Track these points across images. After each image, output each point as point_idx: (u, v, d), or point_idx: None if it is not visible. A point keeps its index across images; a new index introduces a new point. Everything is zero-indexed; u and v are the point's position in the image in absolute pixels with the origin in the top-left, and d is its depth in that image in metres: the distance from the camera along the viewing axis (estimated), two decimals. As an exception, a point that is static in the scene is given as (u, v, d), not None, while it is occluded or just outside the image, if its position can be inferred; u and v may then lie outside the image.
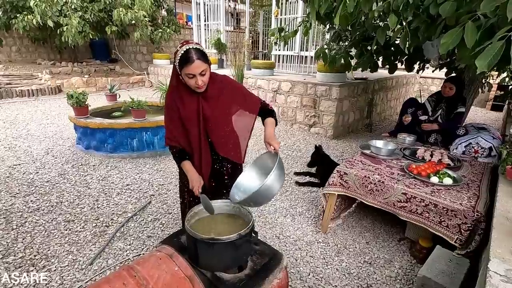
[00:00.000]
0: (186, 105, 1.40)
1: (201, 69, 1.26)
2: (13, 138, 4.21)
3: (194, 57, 1.24)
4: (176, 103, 1.42)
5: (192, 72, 1.26)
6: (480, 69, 1.45)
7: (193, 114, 1.40)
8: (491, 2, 1.47)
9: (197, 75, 1.27)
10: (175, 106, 1.42)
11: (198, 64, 1.25)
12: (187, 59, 1.24)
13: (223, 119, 1.47)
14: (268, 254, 1.28)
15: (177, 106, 1.42)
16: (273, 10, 6.50)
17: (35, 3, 6.18)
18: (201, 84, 1.30)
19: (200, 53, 1.26)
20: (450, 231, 1.74)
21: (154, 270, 1.07)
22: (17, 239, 2.15)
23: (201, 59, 1.25)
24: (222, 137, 1.50)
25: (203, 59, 1.26)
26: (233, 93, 1.51)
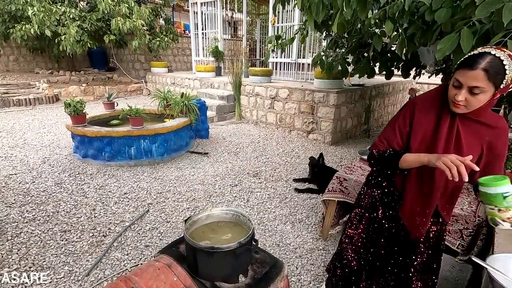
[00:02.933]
0: (441, 122, 1.10)
1: (476, 83, 0.90)
2: (10, 147, 4.17)
3: (479, 65, 0.89)
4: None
5: (459, 77, 0.96)
6: (477, 74, 1.45)
7: (444, 131, 1.10)
8: (486, 8, 1.49)
9: (464, 87, 0.94)
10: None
11: (475, 74, 0.90)
12: (469, 61, 0.92)
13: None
14: (269, 262, 1.25)
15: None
16: (270, 18, 6.57)
17: (33, 12, 6.22)
18: (460, 100, 0.96)
19: (493, 67, 0.88)
20: (452, 236, 1.73)
21: (152, 281, 1.04)
22: (12, 250, 2.10)
23: (487, 73, 0.88)
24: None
25: (490, 75, 0.89)
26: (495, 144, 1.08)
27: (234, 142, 4.80)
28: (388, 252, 1.38)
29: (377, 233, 1.39)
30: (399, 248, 1.34)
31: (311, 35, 5.92)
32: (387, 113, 6.90)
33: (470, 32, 1.62)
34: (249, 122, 6.15)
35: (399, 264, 1.35)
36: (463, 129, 1.04)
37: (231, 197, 3.03)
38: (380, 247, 1.39)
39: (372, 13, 2.54)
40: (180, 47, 11.25)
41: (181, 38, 10.84)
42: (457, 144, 1.06)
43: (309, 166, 3.46)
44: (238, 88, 6.08)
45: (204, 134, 4.89)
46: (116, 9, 7.14)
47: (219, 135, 5.19)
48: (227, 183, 3.34)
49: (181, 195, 3.04)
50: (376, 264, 1.41)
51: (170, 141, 3.94)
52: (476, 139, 1.05)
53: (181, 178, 3.42)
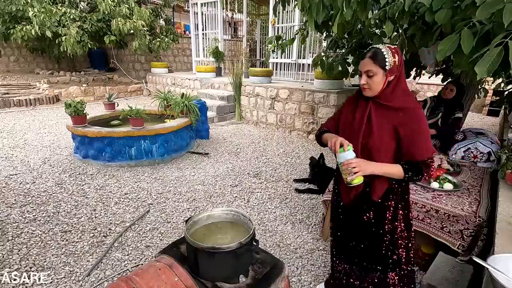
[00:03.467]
0: (358, 105, 1.32)
1: (368, 68, 1.18)
2: (10, 147, 4.18)
3: (367, 55, 1.19)
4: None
5: (360, 68, 1.23)
6: (480, 75, 1.46)
7: (358, 116, 1.31)
8: (486, 9, 1.49)
9: (363, 73, 1.21)
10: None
11: (366, 61, 1.19)
12: (363, 54, 1.22)
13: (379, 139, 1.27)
14: (270, 263, 1.26)
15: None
16: (270, 19, 6.58)
17: (34, 13, 6.23)
18: (363, 84, 1.22)
19: (376, 53, 1.17)
20: (453, 237, 1.73)
21: (153, 281, 1.04)
22: (13, 251, 2.11)
23: (372, 59, 1.17)
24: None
25: (375, 60, 1.17)
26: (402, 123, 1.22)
27: (235, 143, 4.80)
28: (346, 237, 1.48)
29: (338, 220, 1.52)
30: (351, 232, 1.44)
31: (311, 36, 5.93)
32: (387, 113, 6.90)
33: (470, 33, 1.62)
34: (250, 122, 6.15)
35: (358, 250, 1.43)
36: (374, 113, 1.24)
37: (231, 198, 3.03)
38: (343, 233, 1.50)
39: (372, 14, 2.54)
40: (181, 48, 11.26)
41: (181, 38, 10.86)
42: (368, 124, 1.25)
43: (310, 167, 3.46)
44: (238, 88, 6.08)
45: (204, 134, 4.89)
46: (116, 9, 7.15)
47: (219, 135, 5.19)
48: (227, 183, 3.34)
49: (181, 195, 3.04)
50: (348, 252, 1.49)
51: (171, 142, 3.94)
52: (387, 122, 1.22)
53: (182, 179, 3.42)
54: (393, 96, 1.21)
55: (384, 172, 1.22)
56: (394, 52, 1.17)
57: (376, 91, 1.21)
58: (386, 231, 1.34)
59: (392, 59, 1.16)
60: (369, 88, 1.21)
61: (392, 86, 1.20)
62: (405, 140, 1.20)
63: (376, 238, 1.36)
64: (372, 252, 1.39)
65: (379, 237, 1.35)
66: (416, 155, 1.20)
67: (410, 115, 1.20)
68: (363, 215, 1.36)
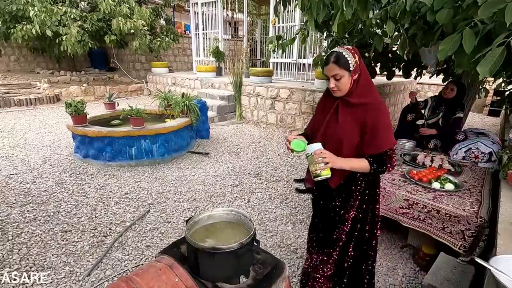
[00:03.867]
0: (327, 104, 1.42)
1: (334, 72, 1.26)
2: (10, 147, 4.17)
3: (331, 60, 1.27)
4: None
5: (326, 73, 1.31)
6: (482, 75, 1.45)
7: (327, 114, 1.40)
8: (488, 8, 1.48)
9: (330, 77, 1.29)
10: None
11: (331, 66, 1.27)
12: (325, 60, 1.30)
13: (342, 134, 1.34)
14: (270, 263, 1.25)
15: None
16: (271, 19, 6.58)
17: (34, 13, 6.22)
18: (332, 87, 1.29)
19: (339, 57, 1.25)
20: (454, 237, 1.72)
21: (153, 281, 1.04)
22: (13, 250, 2.10)
23: (336, 63, 1.25)
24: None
25: (340, 64, 1.25)
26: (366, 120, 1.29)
27: (235, 143, 4.80)
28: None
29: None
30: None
31: (311, 36, 5.92)
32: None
33: (472, 33, 1.62)
34: (250, 122, 6.15)
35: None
36: (341, 110, 1.33)
37: (232, 198, 3.03)
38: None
39: (373, 14, 2.53)
40: (181, 47, 11.25)
41: (181, 38, 10.85)
42: (335, 118, 1.34)
43: None
44: (238, 88, 6.08)
45: (204, 134, 4.89)
46: (117, 9, 7.15)
47: (219, 135, 5.18)
48: (227, 183, 3.34)
49: (182, 195, 3.03)
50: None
51: (171, 141, 3.94)
52: (352, 117, 1.30)
53: (182, 178, 3.42)
54: (358, 93, 1.29)
55: (351, 166, 1.29)
56: (354, 53, 1.25)
57: (345, 91, 1.29)
58: (346, 219, 1.41)
59: (353, 59, 1.24)
60: (339, 89, 1.29)
61: (358, 83, 1.29)
62: (368, 133, 1.27)
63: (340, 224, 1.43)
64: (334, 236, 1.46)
65: (336, 223, 1.44)
66: (378, 147, 1.27)
67: (372, 109, 1.28)
68: (331, 203, 1.45)
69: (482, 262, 0.86)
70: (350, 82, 1.27)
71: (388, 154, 1.29)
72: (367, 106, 1.28)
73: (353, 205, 1.39)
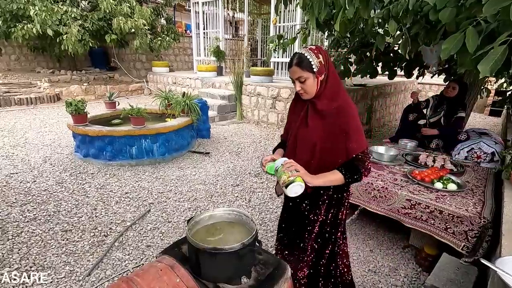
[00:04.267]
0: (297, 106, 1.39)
1: (298, 75, 1.22)
2: (11, 146, 4.17)
3: (293, 62, 1.23)
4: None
5: (290, 76, 1.27)
6: (483, 74, 1.44)
7: (298, 117, 1.37)
8: (492, 6, 1.47)
9: (295, 80, 1.25)
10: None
11: (294, 69, 1.23)
12: (289, 62, 1.26)
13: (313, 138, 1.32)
14: (272, 264, 1.24)
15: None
16: (272, 18, 6.56)
17: (35, 12, 6.22)
18: (298, 90, 1.26)
19: (301, 59, 1.21)
20: (457, 238, 1.71)
21: (154, 282, 1.03)
22: (13, 250, 2.09)
23: (299, 66, 1.21)
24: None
25: (302, 66, 1.20)
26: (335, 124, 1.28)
27: (236, 142, 4.78)
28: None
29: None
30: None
31: (312, 35, 5.90)
32: (389, 113, 6.88)
33: (475, 32, 1.60)
34: (251, 122, 6.13)
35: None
36: (311, 113, 1.29)
37: (232, 197, 3.02)
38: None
39: (374, 13, 2.52)
40: (182, 47, 11.24)
41: (182, 37, 10.84)
42: (305, 122, 1.31)
43: None
44: (239, 88, 6.06)
45: (205, 133, 4.88)
46: (117, 8, 7.14)
47: (220, 135, 5.17)
48: (228, 183, 3.33)
49: (182, 195, 3.02)
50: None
51: (172, 141, 3.93)
52: (322, 122, 1.26)
53: (183, 178, 3.41)
54: (327, 95, 1.25)
55: (324, 182, 1.25)
56: (317, 53, 1.20)
57: (312, 93, 1.25)
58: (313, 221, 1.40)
59: (317, 60, 1.19)
60: (305, 92, 1.25)
61: (326, 84, 1.24)
62: (339, 138, 1.23)
63: (303, 226, 1.43)
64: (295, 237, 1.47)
65: (305, 226, 1.42)
66: (349, 150, 1.23)
67: (341, 112, 1.24)
68: (300, 205, 1.42)
69: (488, 263, 0.85)
70: (317, 84, 1.23)
71: (360, 158, 1.25)
72: (336, 110, 1.24)
73: (321, 209, 1.37)
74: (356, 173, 1.24)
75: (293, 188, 1.17)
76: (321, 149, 1.26)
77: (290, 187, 1.17)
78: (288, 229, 1.53)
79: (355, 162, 1.24)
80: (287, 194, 1.19)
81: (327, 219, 1.40)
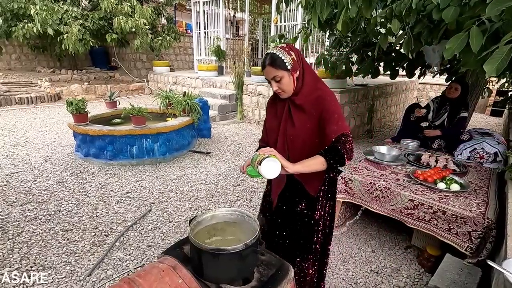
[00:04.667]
0: (278, 108, 1.38)
1: (273, 74, 1.22)
2: (11, 145, 4.16)
3: (266, 62, 1.23)
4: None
5: (266, 77, 1.27)
6: (489, 74, 1.42)
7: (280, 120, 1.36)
8: (496, 6, 1.45)
9: (270, 80, 1.25)
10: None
11: (268, 69, 1.23)
12: (262, 63, 1.26)
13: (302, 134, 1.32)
14: (275, 264, 1.23)
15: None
16: (273, 17, 6.55)
17: (35, 11, 6.21)
18: (276, 89, 1.26)
19: (274, 58, 1.21)
20: (460, 238, 1.70)
21: (156, 283, 1.01)
22: (13, 249, 2.08)
23: (272, 65, 1.21)
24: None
25: (276, 65, 1.21)
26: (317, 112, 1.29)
27: (236, 142, 4.77)
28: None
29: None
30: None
31: (313, 35, 5.89)
32: (390, 113, 6.86)
33: (479, 31, 1.59)
34: (251, 121, 6.12)
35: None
36: (294, 111, 1.29)
37: (233, 197, 3.01)
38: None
39: (376, 12, 2.50)
40: (182, 46, 11.23)
41: (183, 37, 10.82)
42: (291, 121, 1.30)
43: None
44: (240, 87, 6.05)
45: (206, 133, 4.86)
46: (118, 8, 7.13)
47: (221, 134, 5.16)
48: (229, 182, 3.32)
49: (183, 194, 3.01)
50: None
51: (172, 140, 3.92)
52: (306, 116, 1.27)
53: (184, 178, 3.40)
54: (305, 91, 1.26)
55: (305, 166, 1.18)
56: (289, 50, 1.21)
57: (290, 91, 1.25)
58: (317, 220, 1.40)
59: (289, 57, 1.20)
60: (283, 91, 1.25)
61: (303, 80, 1.25)
62: (321, 124, 1.24)
63: (308, 227, 1.41)
64: (300, 240, 1.44)
65: (310, 226, 1.41)
66: (329, 133, 1.21)
67: (320, 101, 1.25)
68: (296, 207, 1.40)
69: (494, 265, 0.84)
70: (293, 81, 1.23)
71: (342, 140, 1.20)
72: (316, 100, 1.25)
73: (319, 206, 1.38)
74: (336, 154, 1.18)
75: (268, 164, 1.10)
76: (312, 144, 1.27)
77: (264, 162, 1.10)
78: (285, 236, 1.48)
79: (335, 144, 1.19)
80: (263, 174, 1.11)
81: (324, 215, 1.41)
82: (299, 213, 1.40)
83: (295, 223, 1.43)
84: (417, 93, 8.33)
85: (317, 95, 1.25)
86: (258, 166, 1.12)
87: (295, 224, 1.43)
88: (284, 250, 1.45)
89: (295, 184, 1.37)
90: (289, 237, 1.46)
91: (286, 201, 1.43)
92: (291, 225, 1.44)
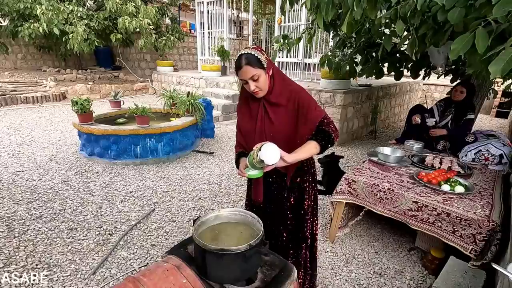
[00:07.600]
0: (252, 109, 1.41)
1: (251, 74, 1.24)
2: (17, 144, 4.20)
3: (243, 63, 1.24)
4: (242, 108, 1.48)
5: (242, 78, 1.28)
6: (494, 75, 1.42)
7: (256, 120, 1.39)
8: (503, 7, 1.45)
9: (248, 80, 1.26)
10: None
11: (245, 69, 1.24)
12: (237, 65, 1.28)
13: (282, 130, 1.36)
14: (278, 265, 1.23)
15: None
16: (277, 18, 6.54)
17: (41, 11, 6.26)
18: (254, 89, 1.28)
19: (250, 58, 1.24)
20: (464, 241, 1.69)
21: (161, 282, 1.02)
22: (19, 247, 2.11)
23: (250, 64, 1.23)
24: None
25: (253, 64, 1.23)
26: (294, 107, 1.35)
27: (240, 142, 4.77)
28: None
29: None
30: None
31: (317, 35, 5.87)
32: (394, 114, 6.83)
33: (485, 32, 1.58)
34: (255, 122, 6.12)
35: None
36: (270, 109, 1.33)
37: (236, 197, 3.01)
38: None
39: (381, 13, 2.50)
40: (186, 46, 11.27)
41: (187, 37, 10.86)
42: (268, 120, 1.34)
43: (324, 165, 3.31)
44: (243, 87, 6.05)
45: (209, 133, 4.88)
46: (123, 8, 7.16)
47: (224, 134, 5.17)
48: (232, 182, 3.33)
49: (186, 194, 3.03)
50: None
51: (176, 140, 3.94)
52: (282, 110, 1.31)
53: (187, 177, 3.41)
54: (277, 89, 1.31)
55: (303, 152, 1.25)
56: (261, 50, 1.27)
57: (266, 90, 1.29)
58: (306, 209, 1.46)
59: (263, 56, 1.25)
60: (260, 90, 1.28)
61: (273, 79, 1.30)
62: (300, 115, 1.29)
63: (298, 219, 1.47)
64: (292, 233, 1.49)
65: (301, 217, 1.47)
66: (312, 118, 1.29)
67: (294, 96, 1.31)
68: (285, 204, 1.45)
69: (500, 269, 0.84)
70: (268, 79, 1.27)
71: (325, 123, 1.30)
72: (290, 94, 1.31)
73: (307, 196, 1.45)
74: (326, 135, 1.27)
75: (267, 147, 1.13)
76: (294, 137, 1.31)
77: (264, 147, 1.13)
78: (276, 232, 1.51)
79: (320, 127, 1.29)
80: (265, 158, 1.12)
81: (312, 202, 1.49)
82: (289, 208, 1.45)
83: (285, 220, 1.47)
84: (422, 94, 8.28)
85: (290, 89, 1.32)
86: (258, 153, 1.14)
87: (285, 220, 1.47)
88: (277, 248, 1.48)
89: (279, 183, 1.43)
90: (281, 234, 1.49)
91: (273, 201, 1.47)
92: (282, 223, 1.48)
